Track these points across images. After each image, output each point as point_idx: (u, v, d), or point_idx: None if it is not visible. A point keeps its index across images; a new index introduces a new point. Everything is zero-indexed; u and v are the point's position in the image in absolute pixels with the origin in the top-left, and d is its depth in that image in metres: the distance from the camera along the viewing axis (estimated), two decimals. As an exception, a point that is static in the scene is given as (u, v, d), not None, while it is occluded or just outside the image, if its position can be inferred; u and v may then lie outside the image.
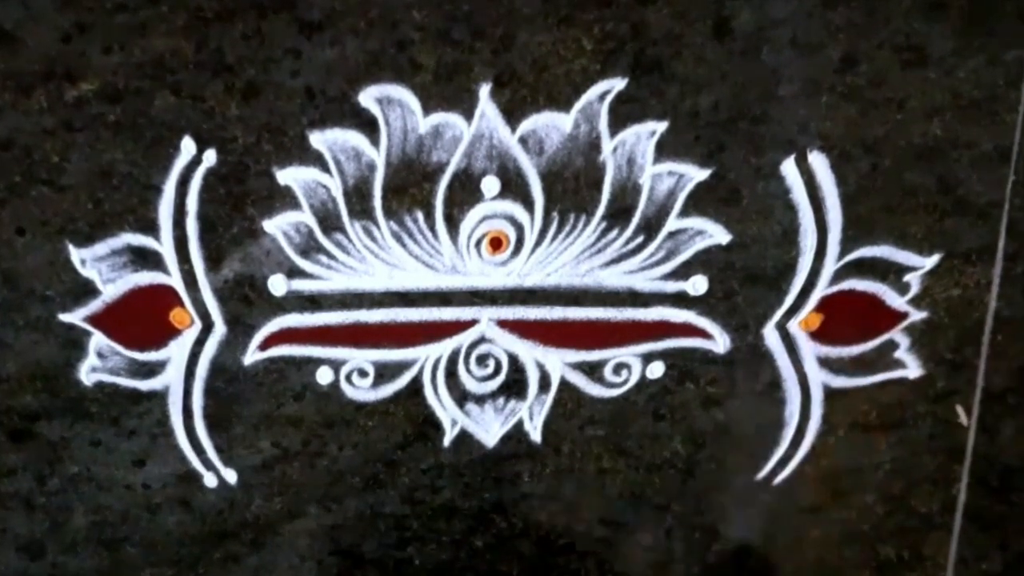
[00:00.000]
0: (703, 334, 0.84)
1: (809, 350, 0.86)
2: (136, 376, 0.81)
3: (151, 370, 0.81)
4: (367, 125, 0.73)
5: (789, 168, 0.78)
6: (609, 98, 0.74)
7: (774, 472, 0.92)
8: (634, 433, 0.89)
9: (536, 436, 0.88)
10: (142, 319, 0.78)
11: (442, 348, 0.83)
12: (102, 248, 0.76)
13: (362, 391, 0.84)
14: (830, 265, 0.82)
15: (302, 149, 0.73)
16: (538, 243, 0.79)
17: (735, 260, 0.81)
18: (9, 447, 0.83)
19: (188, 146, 0.73)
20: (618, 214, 0.78)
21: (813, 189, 0.78)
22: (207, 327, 0.80)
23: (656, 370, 0.86)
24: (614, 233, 0.79)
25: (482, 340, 0.83)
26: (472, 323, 0.82)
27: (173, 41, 0.69)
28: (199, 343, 0.80)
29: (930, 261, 0.82)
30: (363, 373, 0.83)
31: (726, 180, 0.78)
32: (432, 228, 0.77)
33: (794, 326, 0.84)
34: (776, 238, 0.81)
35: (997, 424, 0.91)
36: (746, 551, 0.97)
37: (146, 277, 0.77)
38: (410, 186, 0.76)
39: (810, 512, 0.95)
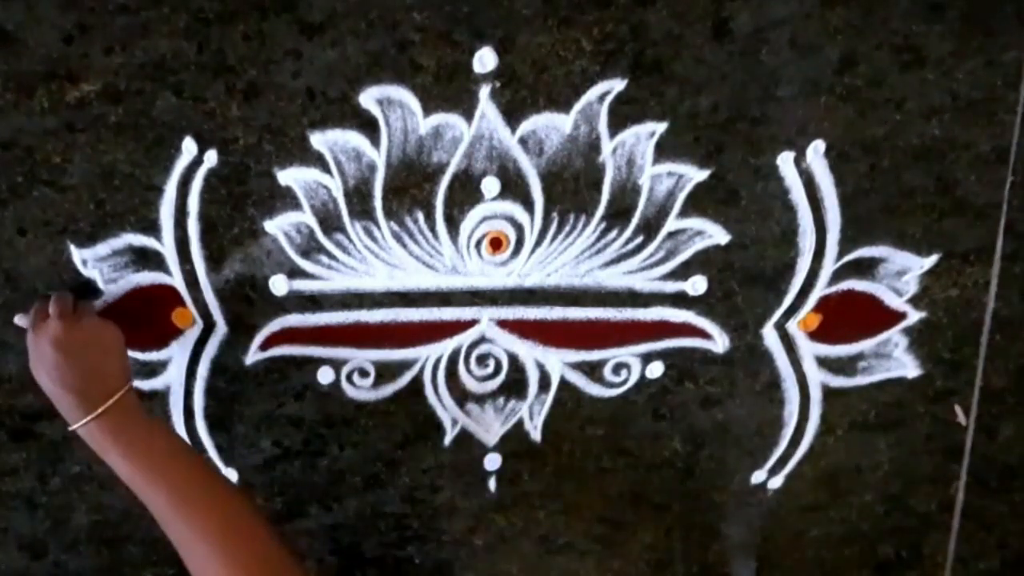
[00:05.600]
0: (702, 334, 0.84)
1: (808, 350, 0.86)
2: (137, 376, 0.81)
3: (152, 370, 0.81)
4: (368, 126, 0.73)
5: (788, 169, 0.78)
6: (609, 99, 0.74)
7: (773, 471, 0.92)
8: (634, 433, 0.89)
9: (536, 436, 0.88)
10: (143, 319, 0.79)
11: (442, 348, 0.83)
12: (103, 248, 0.76)
13: (363, 391, 0.84)
14: (829, 265, 0.82)
15: (303, 150, 0.74)
16: (538, 243, 0.79)
17: (734, 260, 0.81)
18: (11, 446, 0.83)
19: (189, 147, 0.73)
20: (618, 215, 0.78)
21: (812, 190, 0.79)
22: (208, 327, 0.80)
23: (655, 370, 0.86)
24: (614, 233, 0.79)
25: (482, 340, 0.83)
26: (472, 323, 0.82)
27: (174, 42, 0.69)
28: (200, 343, 0.80)
29: (928, 261, 0.83)
30: (364, 373, 0.83)
31: (725, 181, 0.78)
32: (432, 228, 0.78)
33: (793, 326, 0.85)
34: (775, 238, 0.81)
35: (995, 424, 0.91)
36: (745, 550, 0.97)
37: (147, 277, 0.77)
38: (410, 187, 0.76)
39: (809, 511, 0.95)
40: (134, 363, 0.80)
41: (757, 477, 0.92)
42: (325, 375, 0.83)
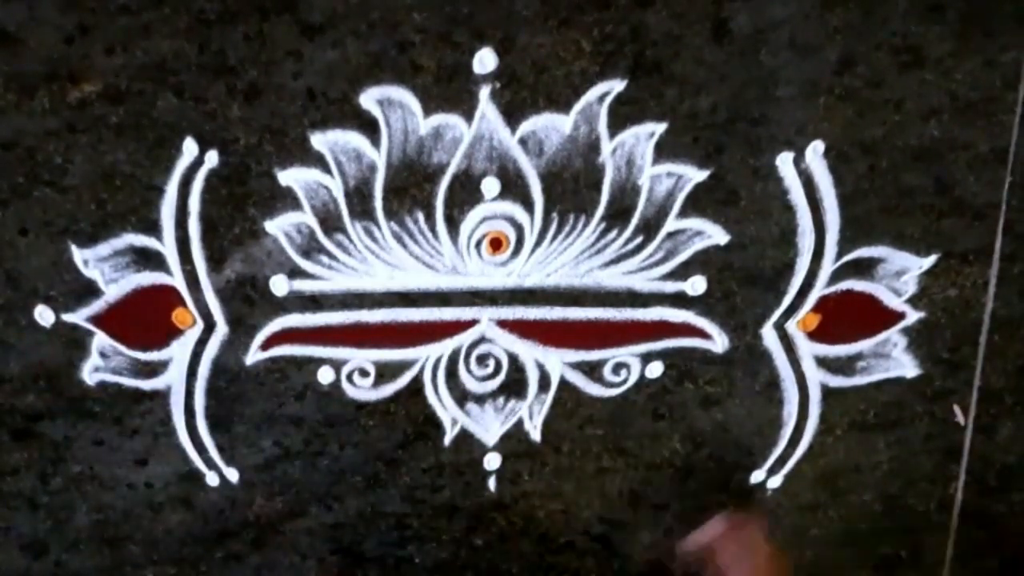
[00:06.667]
0: (702, 334, 0.85)
1: (807, 350, 0.86)
2: (138, 376, 0.81)
3: (153, 370, 0.81)
4: (368, 126, 0.73)
5: (787, 169, 0.78)
6: (608, 100, 0.74)
7: (772, 471, 0.92)
8: (633, 432, 0.89)
9: (536, 435, 0.88)
10: (144, 319, 0.79)
11: (442, 348, 0.83)
12: (105, 248, 0.76)
13: (363, 390, 0.84)
14: (828, 265, 0.82)
15: (303, 150, 0.74)
16: (538, 244, 0.79)
17: (734, 260, 0.81)
18: (12, 446, 0.84)
19: (190, 147, 0.73)
20: (617, 215, 0.79)
21: (811, 190, 0.79)
22: (209, 327, 0.80)
23: (655, 370, 0.86)
24: (613, 234, 0.79)
25: (482, 340, 0.83)
26: (472, 323, 0.82)
27: (175, 43, 0.69)
28: (201, 343, 0.80)
29: (927, 261, 0.83)
30: (364, 373, 0.83)
31: (725, 181, 0.78)
32: (432, 229, 0.78)
33: (792, 326, 0.85)
34: (774, 239, 0.81)
35: (994, 423, 0.91)
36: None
37: (148, 277, 0.77)
38: (411, 187, 0.76)
39: (808, 511, 0.95)
40: (136, 363, 0.81)
41: (756, 477, 0.92)
42: (325, 375, 0.83)
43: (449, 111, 0.73)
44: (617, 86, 0.73)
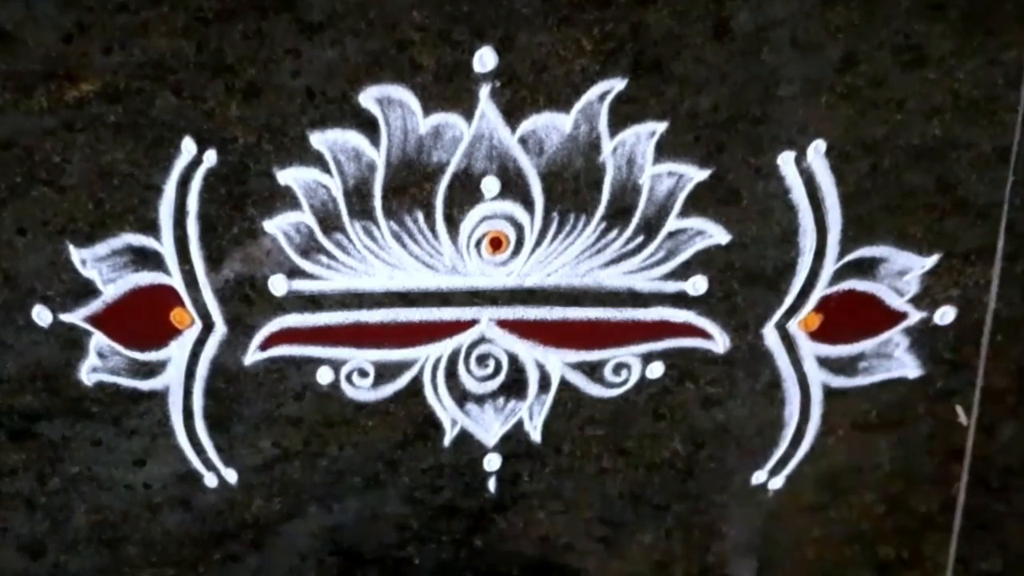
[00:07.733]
0: (703, 334, 0.84)
1: (809, 350, 0.86)
2: (136, 376, 0.81)
3: (151, 370, 0.81)
4: (367, 125, 0.73)
5: (788, 168, 0.78)
6: (609, 98, 0.74)
7: (774, 472, 0.92)
8: (634, 433, 0.89)
9: (536, 436, 0.88)
10: (142, 319, 0.78)
11: (442, 348, 0.83)
12: (103, 248, 0.76)
13: (362, 391, 0.84)
14: (829, 265, 0.82)
15: (302, 149, 0.74)
16: (538, 243, 0.79)
17: (735, 260, 0.81)
18: (10, 447, 0.83)
19: (189, 146, 0.73)
20: (618, 214, 0.78)
21: (812, 189, 0.79)
22: (207, 327, 0.80)
23: (656, 370, 0.86)
24: (614, 233, 0.79)
25: (482, 340, 0.83)
26: (472, 323, 0.82)
27: (174, 41, 0.69)
28: (199, 343, 0.80)
29: (929, 261, 0.83)
30: (363, 373, 0.83)
31: (726, 180, 0.78)
32: (432, 228, 0.77)
33: (794, 326, 0.84)
34: (776, 238, 0.81)
35: (996, 424, 0.91)
36: (745, 551, 0.97)
37: (146, 277, 0.77)
38: (410, 186, 0.76)
39: (810, 512, 0.95)
40: (134, 363, 0.80)
41: (758, 478, 0.92)
42: (324, 375, 0.82)
43: (449, 110, 0.73)
44: (618, 85, 0.73)
